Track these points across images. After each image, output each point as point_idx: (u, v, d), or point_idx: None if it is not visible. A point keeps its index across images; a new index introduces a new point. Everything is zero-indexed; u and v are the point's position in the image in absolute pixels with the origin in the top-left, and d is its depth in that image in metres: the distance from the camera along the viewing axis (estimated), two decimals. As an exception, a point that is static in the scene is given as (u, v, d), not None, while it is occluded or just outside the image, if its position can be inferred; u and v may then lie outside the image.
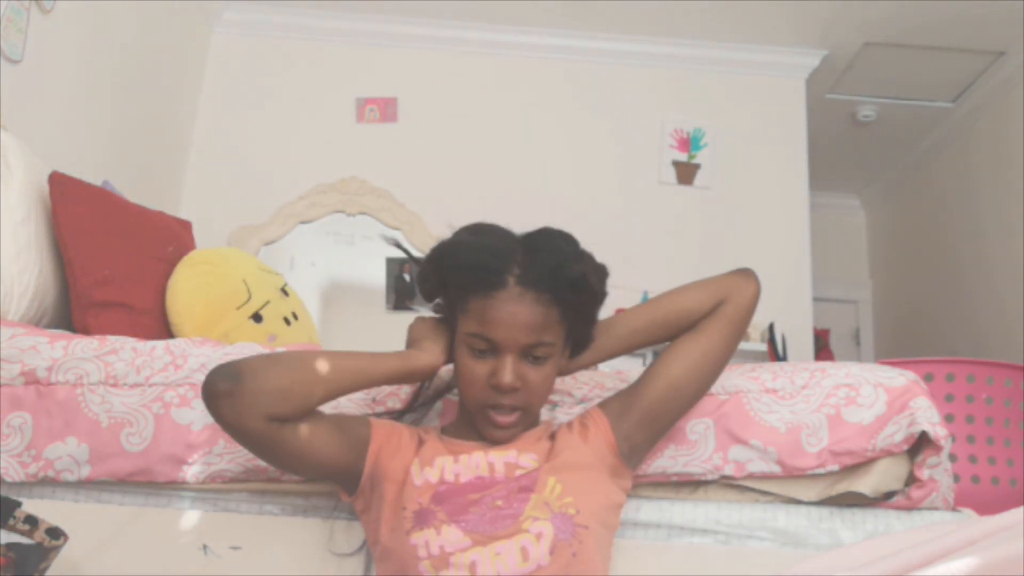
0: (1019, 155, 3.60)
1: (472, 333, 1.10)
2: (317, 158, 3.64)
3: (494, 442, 1.14)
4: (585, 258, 1.14)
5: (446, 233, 1.19)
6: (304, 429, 1.08)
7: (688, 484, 1.32)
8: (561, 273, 1.09)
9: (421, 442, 1.18)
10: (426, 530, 1.06)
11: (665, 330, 1.23)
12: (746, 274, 1.27)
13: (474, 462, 1.12)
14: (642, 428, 1.19)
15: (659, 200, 3.70)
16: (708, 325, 1.21)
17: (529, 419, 1.16)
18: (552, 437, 1.19)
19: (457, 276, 1.11)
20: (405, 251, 1.20)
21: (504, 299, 1.07)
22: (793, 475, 1.30)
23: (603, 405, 1.22)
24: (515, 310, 1.07)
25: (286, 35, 3.75)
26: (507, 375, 1.09)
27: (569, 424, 1.21)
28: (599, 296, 1.15)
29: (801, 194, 3.75)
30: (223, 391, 1.01)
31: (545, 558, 1.04)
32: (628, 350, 1.25)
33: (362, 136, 3.69)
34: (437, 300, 1.20)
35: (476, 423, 1.15)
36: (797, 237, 3.70)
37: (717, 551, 1.28)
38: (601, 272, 1.15)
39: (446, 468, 1.11)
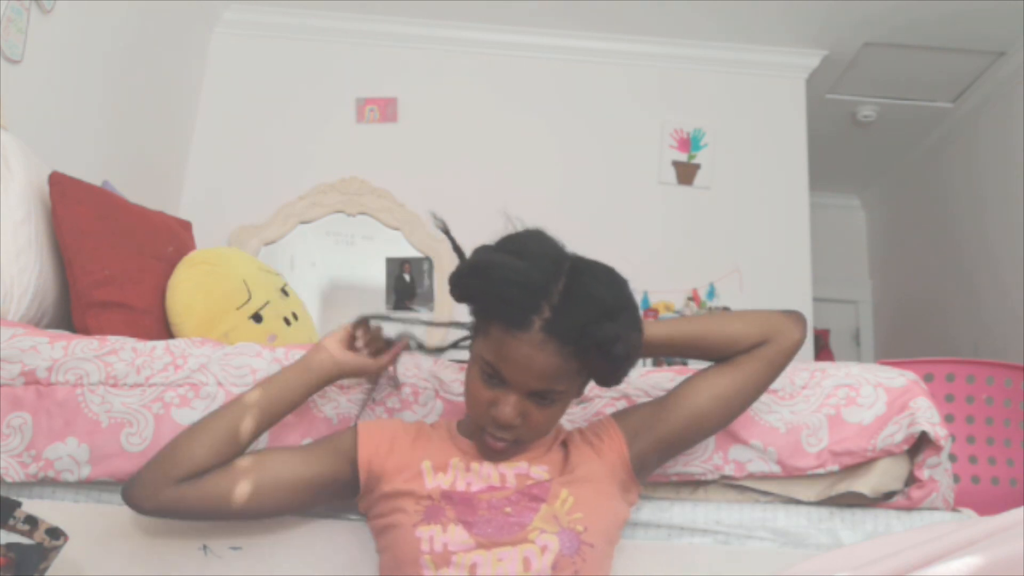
0: (1020, 155, 3.59)
1: (486, 360, 1.06)
2: (317, 158, 3.64)
3: (485, 455, 1.13)
4: (623, 315, 1.05)
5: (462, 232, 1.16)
6: (239, 472, 1.12)
7: (688, 484, 1.32)
8: (591, 331, 1.01)
9: (423, 436, 1.17)
10: (433, 526, 1.06)
11: (702, 351, 1.20)
12: (796, 318, 1.21)
13: (485, 472, 1.12)
14: (658, 451, 1.18)
15: (659, 200, 3.70)
16: (745, 362, 1.17)
17: (523, 447, 1.14)
18: (564, 445, 1.18)
19: (485, 300, 1.06)
20: (452, 240, 1.16)
21: (524, 341, 1.02)
22: (793, 475, 1.30)
23: (619, 417, 1.20)
24: (533, 355, 1.02)
25: (286, 35, 3.75)
26: (508, 412, 1.06)
27: (581, 433, 1.20)
28: (626, 361, 1.08)
29: (801, 194, 3.75)
30: (129, 495, 1.13)
31: (547, 571, 1.04)
32: (659, 356, 1.23)
33: (362, 136, 3.69)
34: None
35: (473, 434, 1.15)
36: (797, 237, 3.70)
37: (717, 551, 1.28)
38: (634, 334, 1.07)
39: (458, 478, 1.11)
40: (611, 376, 1.11)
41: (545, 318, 1.01)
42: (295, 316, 2.01)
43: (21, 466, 1.27)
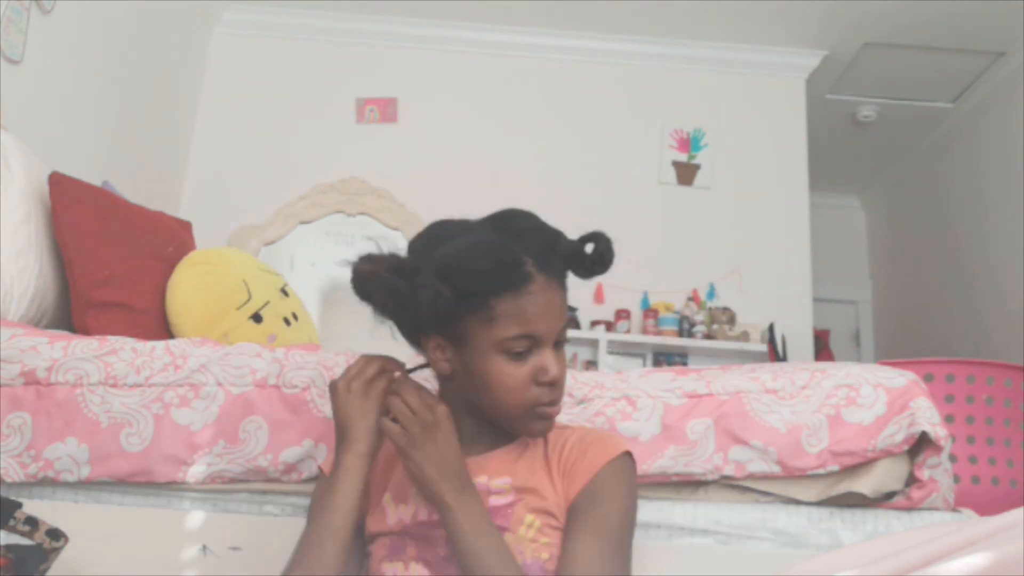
0: (1019, 155, 3.60)
1: (511, 336, 1.00)
2: (317, 158, 3.64)
3: (537, 435, 1.07)
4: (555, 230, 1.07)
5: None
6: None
7: (688, 484, 1.32)
8: (561, 249, 1.04)
9: (388, 458, 1.11)
10: (396, 563, 1.04)
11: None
12: None
13: None
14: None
15: (659, 200, 3.71)
16: None
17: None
18: (546, 455, 1.08)
19: (479, 282, 0.99)
20: (391, 281, 1.03)
21: (536, 291, 1.00)
22: (793, 475, 1.30)
23: (592, 485, 1.05)
24: (551, 298, 1.02)
25: (286, 35, 3.75)
26: (556, 366, 1.03)
27: (573, 445, 1.08)
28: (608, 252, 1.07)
29: (801, 194, 3.76)
30: None
31: None
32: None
33: (362, 136, 3.69)
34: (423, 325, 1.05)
35: (511, 426, 1.06)
36: (797, 237, 3.70)
37: (717, 551, 1.28)
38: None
39: (419, 508, 1.06)
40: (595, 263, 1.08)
41: (533, 263, 1.01)
42: (295, 316, 2.01)
43: (21, 466, 1.27)
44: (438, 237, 1.04)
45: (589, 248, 1.05)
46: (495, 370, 1.02)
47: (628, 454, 1.07)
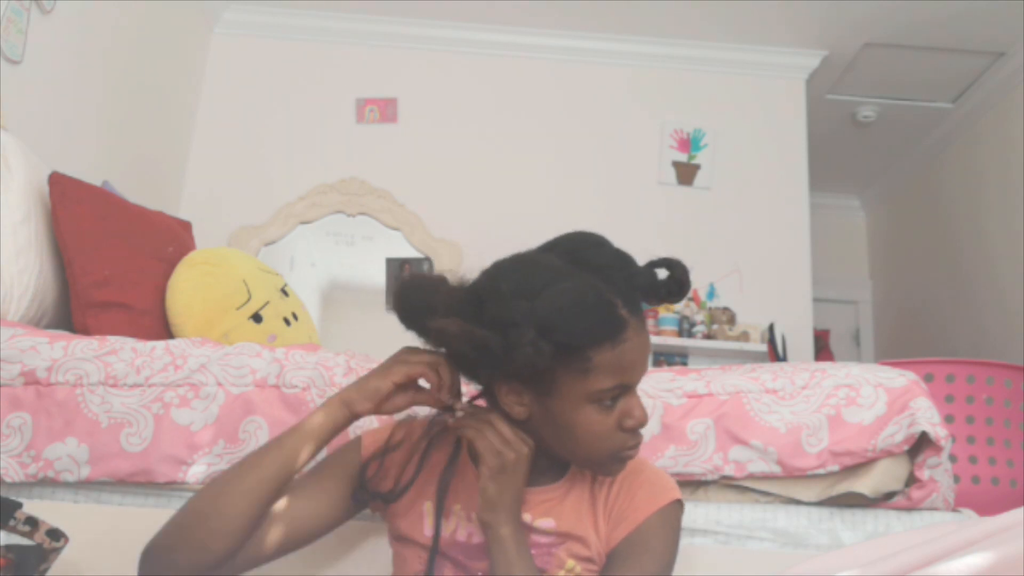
0: (1020, 155, 3.60)
1: (607, 388, 0.95)
2: (317, 158, 3.64)
3: (613, 475, 1.04)
4: (627, 253, 1.00)
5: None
6: (266, 535, 1.01)
7: (688, 484, 1.32)
8: (638, 281, 0.97)
9: (429, 459, 1.06)
10: None
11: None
12: None
13: None
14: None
15: (659, 201, 3.71)
16: None
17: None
18: (592, 493, 1.06)
19: (584, 339, 0.93)
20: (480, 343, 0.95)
21: (631, 337, 0.95)
22: (793, 475, 1.30)
23: (629, 542, 1.04)
24: (643, 342, 0.97)
25: (286, 35, 3.75)
26: (640, 410, 0.98)
27: (621, 485, 1.06)
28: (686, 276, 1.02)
29: (801, 194, 3.76)
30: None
31: None
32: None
33: (362, 136, 3.69)
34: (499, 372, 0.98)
35: (588, 468, 1.04)
36: (797, 237, 3.70)
37: (717, 551, 1.28)
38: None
39: (459, 527, 1.04)
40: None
41: (620, 304, 0.95)
42: (295, 316, 2.01)
43: (21, 466, 1.27)
44: (530, 285, 0.94)
45: (663, 274, 0.99)
46: (584, 420, 0.97)
47: (678, 502, 1.05)
